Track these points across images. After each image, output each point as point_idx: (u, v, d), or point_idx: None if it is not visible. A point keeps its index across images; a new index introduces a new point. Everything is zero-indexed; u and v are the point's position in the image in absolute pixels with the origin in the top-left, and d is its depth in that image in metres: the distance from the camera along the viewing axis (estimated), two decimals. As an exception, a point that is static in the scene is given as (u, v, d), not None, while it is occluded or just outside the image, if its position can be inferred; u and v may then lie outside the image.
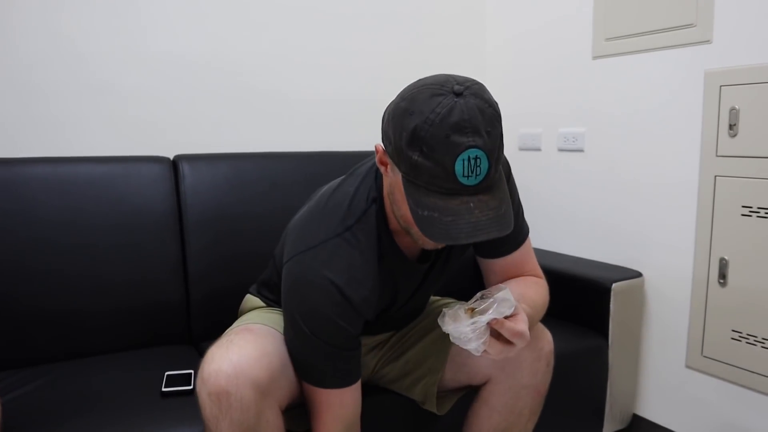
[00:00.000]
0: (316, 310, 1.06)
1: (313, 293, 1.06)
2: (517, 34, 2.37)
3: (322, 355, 1.09)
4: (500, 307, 0.97)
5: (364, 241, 1.09)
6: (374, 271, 1.10)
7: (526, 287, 1.20)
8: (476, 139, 0.89)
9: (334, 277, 1.05)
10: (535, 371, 1.23)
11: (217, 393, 1.01)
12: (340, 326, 1.07)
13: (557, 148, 2.22)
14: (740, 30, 1.63)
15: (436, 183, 0.90)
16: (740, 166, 1.63)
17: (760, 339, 1.63)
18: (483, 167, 0.90)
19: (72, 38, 1.77)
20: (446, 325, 0.99)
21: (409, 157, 0.91)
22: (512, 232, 1.15)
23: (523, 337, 0.98)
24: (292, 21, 2.09)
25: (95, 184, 1.65)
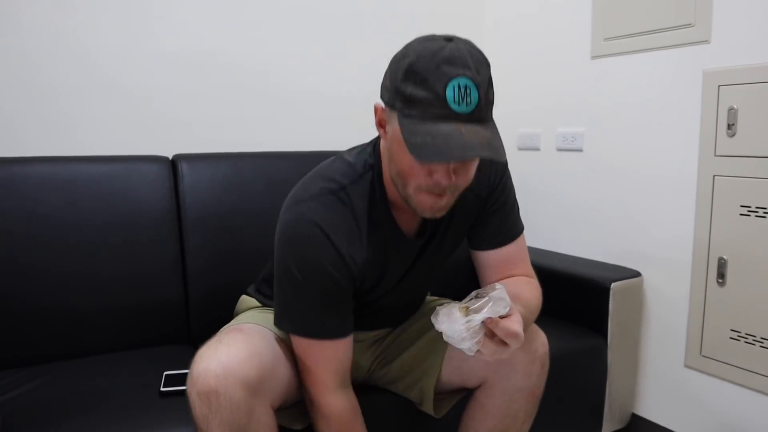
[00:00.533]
0: (308, 256, 1.10)
1: (305, 241, 1.09)
2: (516, 34, 2.37)
3: (316, 304, 1.12)
4: (495, 306, 0.95)
5: (357, 204, 1.13)
6: (364, 234, 1.13)
7: (520, 288, 1.19)
8: (466, 71, 0.94)
9: (326, 227, 1.09)
10: (530, 374, 1.22)
11: (206, 392, 1.01)
12: (330, 274, 1.10)
13: (556, 147, 2.22)
14: (738, 30, 1.63)
15: (430, 111, 0.94)
16: (739, 165, 1.63)
17: (758, 338, 1.63)
18: (473, 97, 0.95)
19: (70, 38, 1.77)
20: (440, 323, 0.97)
21: (403, 92, 0.96)
22: (506, 224, 1.25)
23: (518, 338, 0.96)
24: (292, 20, 2.09)
25: (94, 183, 1.65)
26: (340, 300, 1.14)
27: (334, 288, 1.12)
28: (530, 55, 2.31)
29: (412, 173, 1.02)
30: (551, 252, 2.22)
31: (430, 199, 1.04)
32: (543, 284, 1.93)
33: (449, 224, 1.24)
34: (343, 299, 1.15)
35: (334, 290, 1.12)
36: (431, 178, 1.01)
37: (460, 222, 1.26)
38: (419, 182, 1.02)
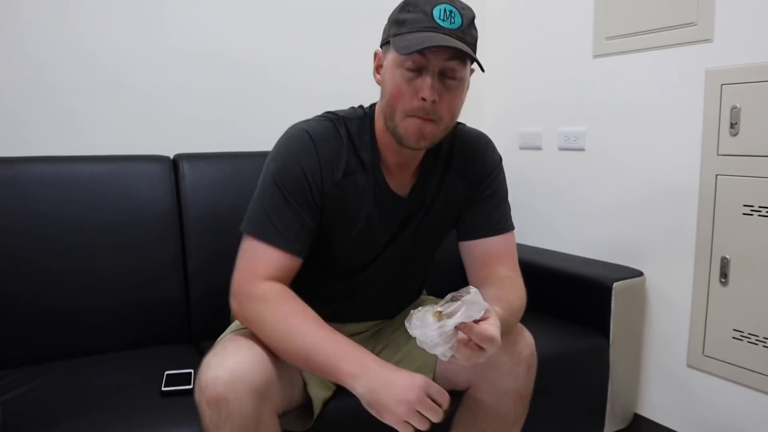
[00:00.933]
0: (288, 151, 1.18)
1: (291, 140, 1.19)
2: (517, 33, 2.37)
3: (278, 206, 1.15)
4: (469, 311, 0.93)
5: (348, 136, 1.22)
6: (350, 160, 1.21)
7: (502, 289, 1.19)
8: (452, 3, 1.09)
9: (314, 135, 1.19)
10: (516, 376, 1.20)
11: (216, 400, 1.01)
12: (303, 174, 1.16)
13: (558, 147, 2.21)
14: (741, 28, 1.62)
15: (418, 26, 1.07)
16: (741, 164, 1.63)
17: (761, 338, 1.62)
18: (456, 20, 1.08)
19: (71, 38, 1.77)
20: (413, 328, 0.96)
21: (397, 18, 1.11)
22: (494, 217, 1.28)
23: (494, 342, 0.95)
24: (294, 19, 2.09)
25: (95, 182, 1.65)
26: (304, 211, 1.16)
27: (301, 193, 1.16)
28: (532, 54, 2.30)
29: (399, 95, 1.10)
30: (553, 251, 2.22)
31: (416, 123, 1.11)
32: (545, 284, 1.95)
33: (436, 196, 1.29)
34: (306, 211, 1.17)
35: (301, 196, 1.16)
36: (417, 98, 1.09)
37: (447, 200, 1.30)
38: (406, 106, 1.10)
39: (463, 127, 1.35)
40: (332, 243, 1.26)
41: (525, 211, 2.36)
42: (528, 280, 1.31)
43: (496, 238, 1.29)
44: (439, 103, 1.09)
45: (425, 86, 1.08)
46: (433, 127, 1.12)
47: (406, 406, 0.96)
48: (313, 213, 1.18)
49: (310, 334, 1.06)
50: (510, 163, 2.38)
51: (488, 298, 1.09)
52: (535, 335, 1.29)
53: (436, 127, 1.13)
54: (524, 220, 2.37)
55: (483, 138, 1.36)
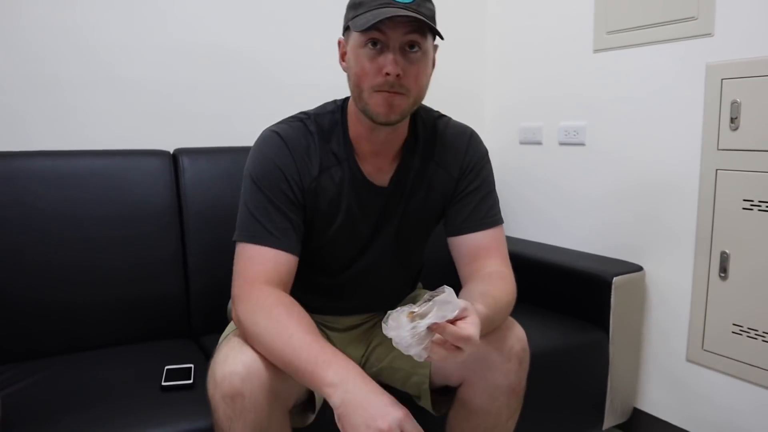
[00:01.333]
0: (264, 157, 1.20)
1: (264, 145, 1.21)
2: (518, 28, 2.37)
3: (263, 208, 1.17)
4: (441, 311, 0.92)
5: (321, 132, 1.23)
6: (323, 155, 1.22)
7: (490, 284, 1.18)
8: None
9: (285, 137, 1.21)
10: (507, 372, 1.19)
11: (231, 395, 1.01)
12: (281, 175, 1.18)
13: (558, 141, 2.21)
14: (741, 23, 1.62)
15: (373, 4, 1.08)
16: (741, 159, 1.63)
17: (761, 333, 1.62)
18: None
19: (71, 32, 1.77)
20: (388, 329, 0.94)
21: (353, 2, 1.13)
22: (480, 211, 1.28)
23: (470, 341, 0.93)
24: (294, 14, 2.09)
25: (95, 177, 1.65)
26: (288, 209, 1.18)
27: (282, 192, 1.18)
28: (532, 49, 2.30)
29: (364, 75, 1.12)
30: (553, 246, 2.22)
31: (383, 98, 1.11)
32: (545, 278, 1.96)
33: (417, 186, 1.29)
34: (290, 209, 1.18)
35: (282, 194, 1.18)
36: (381, 75, 1.10)
37: (429, 191, 1.30)
38: (371, 82, 1.11)
39: (449, 120, 1.35)
40: (317, 239, 1.27)
41: (525, 206, 2.37)
42: (528, 275, 1.31)
43: (483, 232, 1.28)
44: (404, 77, 1.10)
45: (388, 61, 1.09)
46: (401, 99, 1.12)
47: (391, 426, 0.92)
48: (297, 210, 1.20)
49: (297, 339, 1.03)
50: (510, 157, 2.41)
51: (473, 294, 1.10)
52: (535, 329, 1.29)
53: (405, 100, 1.13)
54: (524, 215, 2.37)
55: (467, 131, 1.35)
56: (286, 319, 1.06)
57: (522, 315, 1.26)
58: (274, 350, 1.04)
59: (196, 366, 1.41)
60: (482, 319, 0.99)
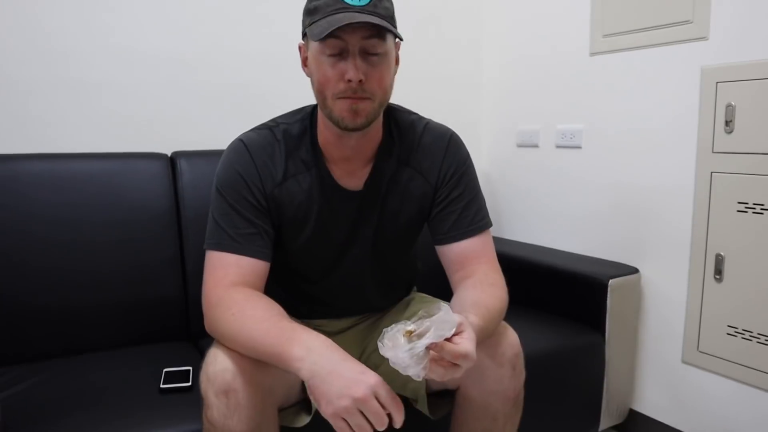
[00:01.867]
0: (228, 165, 1.21)
1: (229, 154, 1.23)
2: (515, 32, 2.38)
3: (228, 216, 1.18)
4: (438, 330, 0.91)
5: (289, 139, 1.23)
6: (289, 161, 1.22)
7: (481, 292, 1.17)
8: None
9: (249, 144, 1.22)
10: (500, 378, 1.19)
11: (224, 391, 1.02)
12: (244, 182, 1.18)
13: (555, 144, 2.22)
14: (736, 26, 1.63)
15: (328, 9, 1.07)
16: (736, 162, 1.64)
17: (755, 334, 1.63)
18: None
19: (70, 34, 1.77)
20: (384, 349, 0.93)
21: (308, 8, 1.12)
22: (464, 219, 1.26)
23: (468, 357, 0.92)
24: (290, 17, 2.09)
25: (93, 180, 1.65)
26: (252, 214, 1.18)
27: (244, 198, 1.18)
28: (529, 52, 2.31)
29: (326, 81, 1.11)
30: (550, 249, 2.23)
31: (347, 104, 1.11)
32: (541, 280, 1.97)
33: (391, 190, 1.27)
34: (254, 215, 1.18)
35: (244, 201, 1.18)
36: (343, 81, 1.09)
37: (405, 196, 1.28)
38: (334, 89, 1.11)
39: (428, 122, 1.32)
40: (290, 246, 1.27)
41: (522, 208, 2.38)
42: (524, 277, 1.31)
43: (470, 239, 1.26)
44: (367, 81, 1.09)
45: (348, 68, 1.08)
46: (366, 104, 1.12)
47: (349, 401, 0.91)
48: (262, 215, 1.20)
49: (261, 325, 1.04)
50: (507, 160, 2.42)
51: (465, 304, 1.10)
52: (531, 332, 1.29)
53: (370, 104, 1.12)
54: (521, 217, 2.38)
55: (446, 135, 1.31)
56: (250, 311, 1.07)
57: (518, 317, 1.27)
58: (244, 344, 1.05)
59: (194, 368, 1.41)
60: (477, 331, 0.98)
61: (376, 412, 0.91)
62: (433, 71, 2.40)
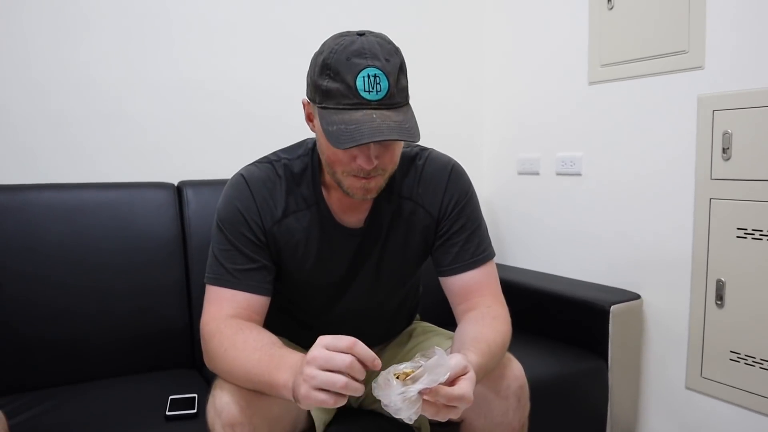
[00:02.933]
0: (227, 200, 1.21)
1: (229, 189, 1.22)
2: (515, 62, 2.41)
3: (224, 250, 1.19)
4: (432, 375, 0.89)
5: (290, 176, 1.22)
6: (290, 198, 1.21)
7: (483, 326, 1.15)
8: (375, 62, 1.01)
9: (249, 179, 1.21)
10: (505, 410, 1.18)
11: (231, 424, 1.02)
12: (243, 218, 1.18)
13: (555, 172, 2.24)
14: (731, 56, 1.66)
15: (343, 102, 1.02)
16: (734, 188, 1.66)
17: (758, 360, 1.64)
18: (383, 85, 1.01)
19: (77, 66, 1.82)
20: (377, 390, 0.91)
21: (320, 86, 1.04)
22: (467, 251, 1.24)
23: (463, 399, 0.90)
24: (298, 50, 2.13)
25: (100, 209, 1.68)
26: (250, 250, 1.18)
27: (243, 234, 1.18)
28: (529, 82, 2.35)
29: (336, 160, 1.09)
30: (551, 275, 2.24)
31: (358, 182, 1.10)
32: (543, 307, 1.97)
33: (393, 226, 1.27)
34: (253, 250, 1.18)
35: (243, 237, 1.18)
36: (355, 162, 1.07)
37: (408, 230, 1.28)
38: (345, 168, 1.09)
39: (429, 153, 1.31)
40: (289, 281, 1.27)
41: (523, 235, 2.39)
42: (526, 303, 1.31)
43: (473, 271, 1.25)
44: (380, 162, 1.08)
45: (362, 157, 1.06)
46: (377, 180, 1.11)
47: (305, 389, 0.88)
48: (261, 251, 1.20)
49: (251, 359, 1.02)
50: (508, 187, 2.44)
51: (466, 340, 1.09)
52: (534, 358, 1.30)
53: (381, 179, 1.12)
54: (522, 244, 2.39)
55: (448, 166, 1.29)
56: (241, 343, 1.06)
57: (521, 344, 1.27)
58: (239, 377, 1.05)
59: (199, 396, 1.43)
60: (476, 369, 0.98)
61: (330, 358, 0.88)
62: (436, 102, 2.43)
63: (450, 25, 2.46)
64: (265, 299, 1.19)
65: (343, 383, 0.86)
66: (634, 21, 1.91)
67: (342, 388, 0.86)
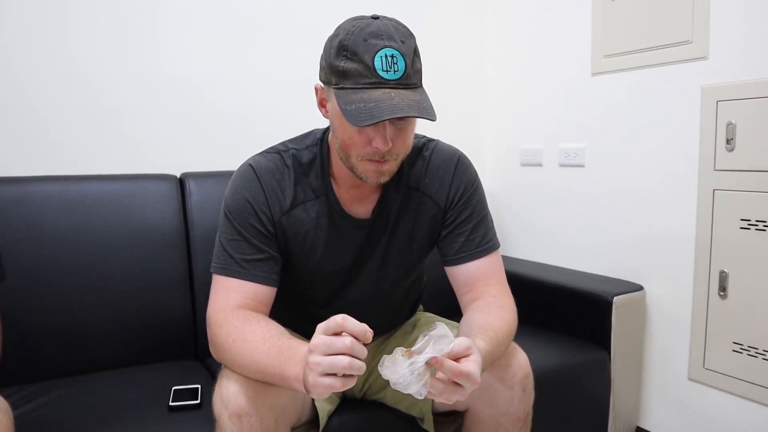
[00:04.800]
0: (236, 190, 1.21)
1: (237, 179, 1.23)
2: (518, 53, 2.41)
3: (232, 240, 1.19)
4: (437, 344, 0.91)
5: (299, 166, 1.23)
6: (297, 188, 1.22)
7: (489, 314, 1.17)
8: (391, 43, 1.03)
9: (258, 169, 1.22)
10: (510, 399, 1.20)
11: (238, 414, 1.03)
12: (252, 209, 1.19)
13: (558, 163, 2.24)
14: (735, 46, 1.66)
15: (361, 81, 1.03)
16: (738, 179, 1.65)
17: (761, 351, 1.64)
18: (400, 65, 1.03)
19: (82, 59, 1.82)
20: (385, 369, 0.92)
21: (337, 67, 1.05)
22: (473, 240, 1.25)
23: (470, 378, 0.92)
24: (299, 42, 2.13)
25: (103, 201, 1.68)
26: (258, 240, 1.19)
27: (251, 224, 1.19)
28: (532, 73, 2.34)
29: (352, 144, 1.10)
30: (554, 266, 2.24)
31: (373, 165, 1.11)
32: (546, 298, 1.98)
33: (401, 217, 1.28)
34: (261, 240, 1.19)
35: (251, 227, 1.19)
36: (370, 146, 1.08)
37: (416, 221, 1.29)
38: (360, 152, 1.10)
39: (436, 144, 1.33)
40: (297, 271, 1.28)
41: (526, 227, 2.39)
42: (529, 295, 1.31)
43: (479, 260, 1.27)
44: (394, 145, 1.09)
45: (378, 138, 1.07)
46: (390, 164, 1.13)
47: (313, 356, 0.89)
48: (269, 241, 1.20)
49: (262, 344, 1.03)
50: (511, 179, 2.44)
51: (473, 327, 1.11)
52: (536, 349, 1.29)
53: (394, 163, 1.14)
54: (525, 236, 2.39)
55: (454, 157, 1.31)
56: (249, 334, 1.06)
57: (523, 335, 1.27)
58: (247, 368, 1.05)
59: (203, 386, 1.43)
60: (484, 355, 0.99)
61: (330, 343, 0.89)
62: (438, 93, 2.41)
63: (452, 16, 2.46)
64: (272, 290, 1.20)
65: (346, 363, 0.87)
66: (638, 11, 1.90)
67: (346, 368, 0.87)
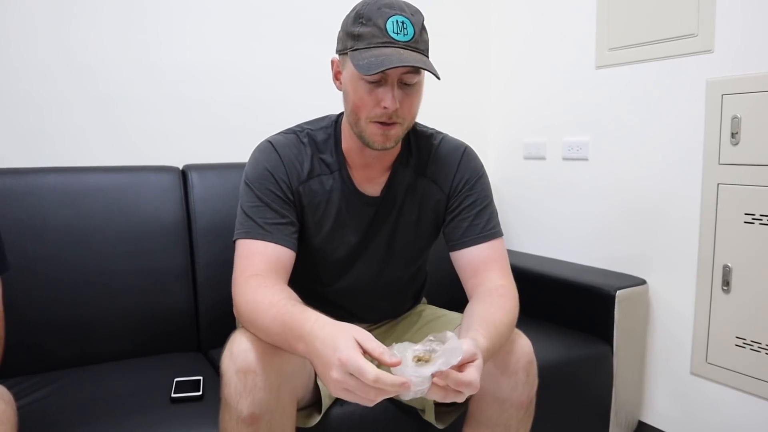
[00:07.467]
0: (256, 162, 1.28)
1: (258, 153, 1.30)
2: (522, 46, 2.40)
3: (254, 206, 1.24)
4: (448, 358, 0.93)
5: (314, 144, 1.31)
6: (314, 162, 1.30)
7: (491, 304, 1.19)
8: (402, 12, 1.15)
9: (276, 144, 1.30)
10: (514, 385, 1.21)
11: (245, 371, 1.05)
12: (271, 176, 1.25)
13: (562, 157, 2.23)
14: (741, 39, 1.65)
15: (374, 41, 1.13)
16: (742, 173, 1.65)
17: (764, 345, 1.63)
18: (409, 30, 1.15)
19: (83, 51, 1.81)
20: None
21: (352, 32, 1.16)
22: (477, 225, 1.32)
23: (471, 386, 0.94)
24: (301, 33, 2.12)
25: (105, 193, 1.68)
26: (279, 205, 1.24)
27: (272, 191, 1.25)
28: (536, 66, 2.33)
29: (362, 105, 1.18)
30: (557, 260, 2.24)
31: (380, 129, 1.19)
32: (549, 292, 1.98)
33: (407, 198, 1.35)
34: (281, 205, 1.25)
35: (272, 193, 1.25)
36: (379, 106, 1.16)
37: (421, 205, 1.35)
38: (369, 113, 1.18)
39: (444, 137, 1.40)
40: (305, 246, 1.31)
41: (529, 220, 2.39)
42: (532, 288, 1.31)
43: (482, 245, 1.31)
44: (401, 108, 1.16)
45: (387, 97, 1.15)
46: (396, 129, 1.20)
47: (334, 385, 0.92)
48: (289, 207, 1.26)
49: (271, 309, 1.06)
50: (515, 172, 2.43)
51: (474, 321, 1.12)
52: (539, 343, 1.29)
53: (400, 128, 1.20)
54: (529, 229, 2.39)
55: (461, 148, 1.39)
56: (260, 297, 1.10)
57: (526, 329, 1.27)
58: (259, 330, 1.08)
59: (205, 378, 1.43)
60: (485, 354, 1.01)
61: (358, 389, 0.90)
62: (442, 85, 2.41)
63: (456, 9, 2.44)
64: (292, 254, 1.24)
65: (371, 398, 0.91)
66: (643, 4, 1.89)
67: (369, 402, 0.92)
